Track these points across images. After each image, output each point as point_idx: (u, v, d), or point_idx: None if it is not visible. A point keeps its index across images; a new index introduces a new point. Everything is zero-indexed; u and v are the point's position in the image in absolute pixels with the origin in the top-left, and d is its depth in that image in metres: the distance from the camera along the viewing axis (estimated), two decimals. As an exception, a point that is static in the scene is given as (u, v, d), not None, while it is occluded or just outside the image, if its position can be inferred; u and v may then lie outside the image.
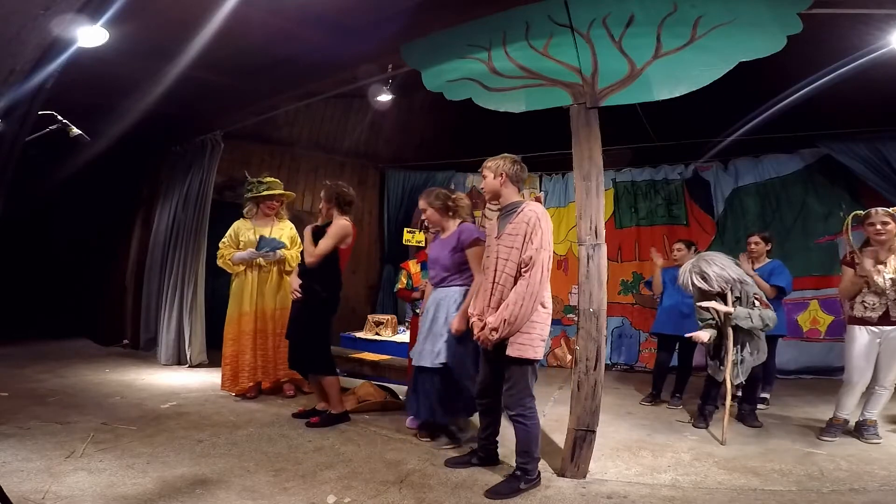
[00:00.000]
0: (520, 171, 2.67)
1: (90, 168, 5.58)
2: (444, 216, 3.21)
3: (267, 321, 4.16)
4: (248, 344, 4.06)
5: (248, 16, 3.67)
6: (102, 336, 6.27)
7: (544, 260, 2.44)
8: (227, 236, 4.21)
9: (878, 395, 3.25)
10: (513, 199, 2.65)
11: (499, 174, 2.64)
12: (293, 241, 4.31)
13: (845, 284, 3.38)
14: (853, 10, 3.09)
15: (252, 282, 4.13)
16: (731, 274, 3.38)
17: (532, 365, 2.51)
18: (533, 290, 2.42)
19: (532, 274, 2.42)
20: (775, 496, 2.44)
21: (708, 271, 3.38)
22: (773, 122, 4.79)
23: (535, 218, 2.47)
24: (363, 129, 6.94)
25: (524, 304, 2.41)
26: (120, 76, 4.67)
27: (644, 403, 4.29)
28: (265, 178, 4.36)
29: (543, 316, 2.51)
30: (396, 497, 2.39)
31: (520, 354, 2.46)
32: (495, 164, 2.66)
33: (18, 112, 1.63)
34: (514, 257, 2.49)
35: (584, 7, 3.13)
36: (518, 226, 2.50)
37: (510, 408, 2.54)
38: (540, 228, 2.45)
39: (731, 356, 3.36)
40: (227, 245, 4.18)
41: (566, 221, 6.33)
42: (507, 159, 2.66)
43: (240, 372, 4.05)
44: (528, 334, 2.46)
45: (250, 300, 4.11)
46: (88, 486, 2.31)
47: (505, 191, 2.65)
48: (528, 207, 2.55)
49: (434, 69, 3.62)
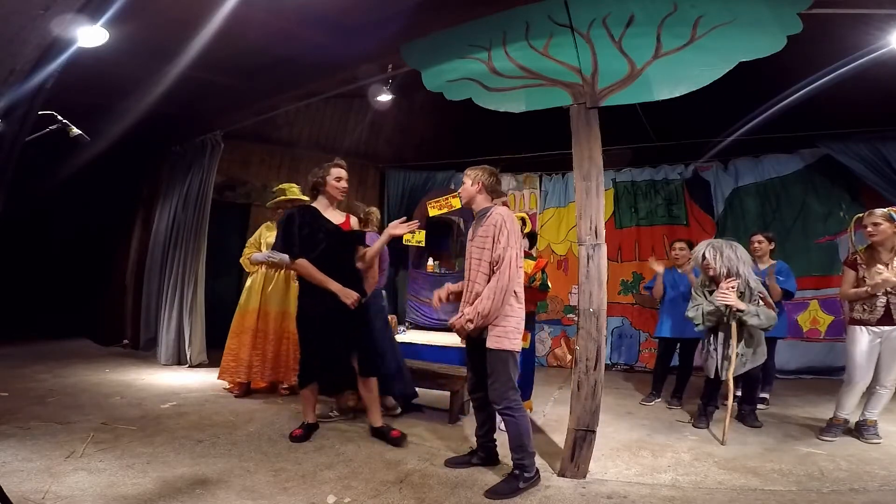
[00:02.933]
0: (495, 184, 2.81)
1: (90, 168, 5.59)
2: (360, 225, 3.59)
3: (269, 322, 4.20)
4: (247, 341, 4.12)
5: (248, 16, 3.67)
6: (102, 336, 6.27)
7: (512, 257, 2.58)
8: (253, 238, 4.43)
9: (879, 395, 3.26)
10: (485, 205, 2.79)
11: (476, 182, 2.78)
12: None
13: (845, 288, 3.39)
14: (853, 10, 3.09)
15: (259, 281, 4.25)
16: (743, 268, 3.40)
17: (512, 356, 2.60)
18: (503, 284, 2.55)
19: (502, 270, 2.56)
20: (775, 496, 2.44)
21: (726, 251, 3.43)
22: (773, 122, 4.80)
23: (501, 220, 2.62)
24: (363, 129, 6.94)
25: (495, 297, 2.55)
26: (120, 76, 4.68)
27: (644, 403, 4.29)
28: (288, 186, 4.34)
29: (517, 309, 2.64)
30: (396, 497, 2.39)
31: (497, 346, 2.57)
32: (474, 174, 2.80)
33: (18, 112, 1.63)
34: (485, 257, 2.64)
35: (584, 7, 3.13)
36: (487, 228, 2.66)
37: (496, 402, 2.61)
38: (506, 229, 2.60)
39: (735, 351, 3.36)
40: (251, 245, 4.38)
41: (566, 221, 6.33)
42: (486, 171, 2.80)
43: (234, 366, 4.12)
44: (503, 326, 2.58)
45: (255, 298, 4.21)
46: (88, 486, 2.31)
47: (479, 197, 2.79)
48: (496, 211, 2.70)
49: (434, 69, 3.61)
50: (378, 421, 3.22)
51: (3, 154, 1.64)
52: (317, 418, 3.32)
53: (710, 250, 3.47)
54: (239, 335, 4.17)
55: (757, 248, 4.16)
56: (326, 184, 3.14)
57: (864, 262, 3.29)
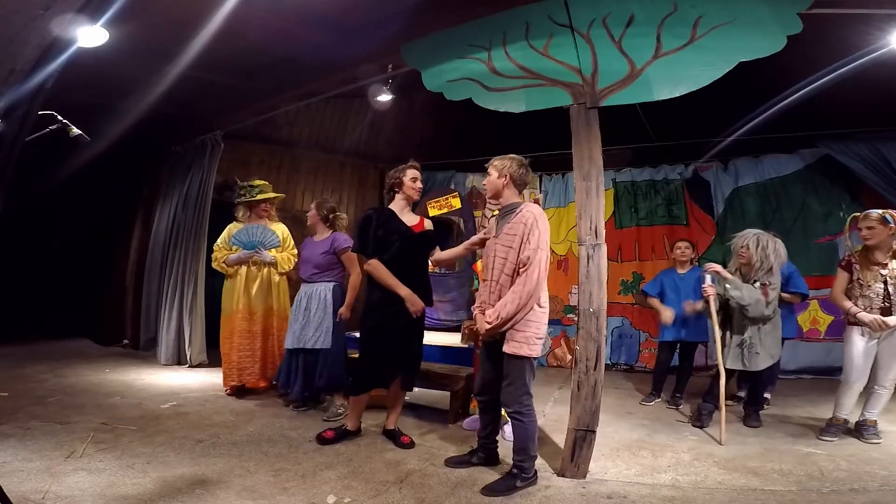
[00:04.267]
0: (524, 175, 2.68)
1: (90, 168, 5.59)
2: (322, 223, 3.85)
3: (255, 322, 4.17)
4: (235, 343, 4.09)
5: (247, 16, 3.67)
6: (102, 336, 6.27)
7: (541, 260, 2.46)
8: (221, 239, 4.23)
9: (878, 394, 3.26)
10: (512, 200, 2.67)
11: (504, 174, 2.65)
12: (286, 243, 4.34)
13: (837, 291, 3.39)
14: (853, 10, 3.09)
15: (241, 282, 4.16)
16: (776, 265, 3.47)
17: (529, 362, 2.53)
18: (530, 289, 2.43)
19: (529, 273, 2.44)
20: (775, 496, 2.44)
21: (769, 245, 3.46)
22: (773, 122, 4.79)
23: (532, 219, 2.49)
24: (363, 129, 6.93)
25: (520, 302, 2.43)
26: (120, 76, 4.68)
27: (644, 403, 4.29)
28: (255, 181, 4.38)
29: (539, 315, 2.53)
30: (396, 497, 2.39)
31: (515, 352, 2.49)
32: (502, 164, 2.66)
33: (18, 112, 1.63)
34: (511, 257, 2.52)
35: (584, 7, 3.13)
36: (516, 226, 2.52)
37: (508, 404, 2.57)
38: (537, 229, 2.46)
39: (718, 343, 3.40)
40: (221, 248, 4.19)
41: (566, 221, 6.32)
42: (515, 161, 2.67)
43: (227, 370, 4.12)
44: (523, 332, 2.48)
45: (241, 300, 4.13)
46: (88, 486, 2.31)
47: (506, 192, 2.67)
48: (527, 208, 2.56)
49: (434, 69, 3.61)
50: (393, 423, 3.21)
51: (3, 154, 1.64)
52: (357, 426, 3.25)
53: (753, 240, 3.49)
54: (229, 338, 4.13)
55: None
56: (403, 184, 3.15)
57: (859, 263, 3.29)
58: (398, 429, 3.19)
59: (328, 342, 3.63)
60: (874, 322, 3.13)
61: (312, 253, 3.80)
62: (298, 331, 3.68)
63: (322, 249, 3.77)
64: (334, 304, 3.71)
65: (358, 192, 7.16)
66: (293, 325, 3.72)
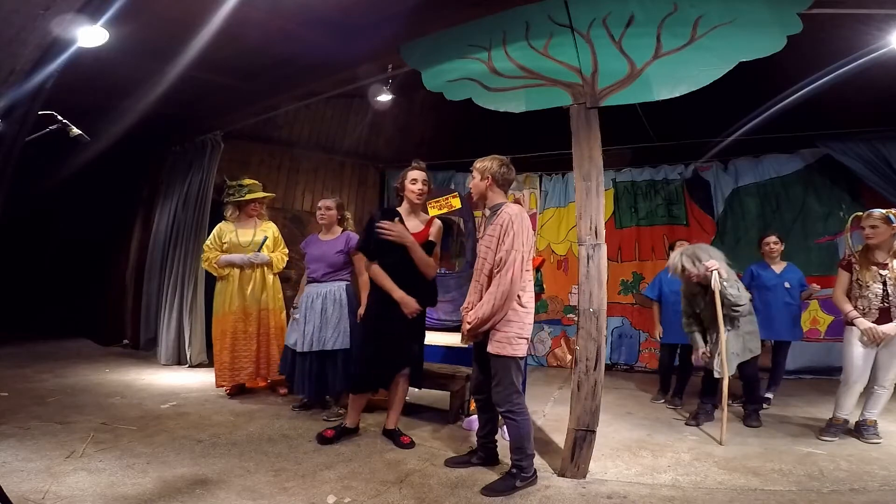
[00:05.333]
0: (507, 174, 2.67)
1: (90, 168, 5.59)
2: (337, 223, 3.83)
3: (250, 322, 4.15)
4: (228, 344, 4.08)
5: (247, 16, 3.67)
6: (102, 336, 6.27)
7: (516, 260, 2.46)
8: (211, 239, 4.18)
9: (878, 394, 3.26)
10: (497, 200, 2.67)
11: (486, 176, 2.65)
12: (277, 242, 4.33)
13: (838, 292, 3.40)
14: (853, 10, 3.09)
15: (235, 283, 4.14)
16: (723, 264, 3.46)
17: (515, 362, 2.55)
18: (504, 289, 2.44)
19: (503, 274, 2.45)
20: (775, 496, 2.44)
21: (701, 255, 3.45)
22: (773, 122, 4.79)
23: (508, 220, 2.50)
24: (363, 129, 6.94)
25: (495, 303, 2.45)
26: (120, 76, 4.68)
27: (656, 402, 4.31)
28: (245, 181, 4.36)
29: (522, 314, 2.54)
30: (396, 497, 2.39)
31: (497, 351, 2.52)
32: (483, 166, 2.66)
33: (18, 112, 1.63)
34: (490, 258, 2.55)
35: (584, 7, 3.13)
36: (495, 227, 2.54)
37: (499, 405, 2.58)
38: (512, 230, 2.47)
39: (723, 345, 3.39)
40: (212, 248, 4.14)
41: (566, 221, 6.32)
42: (496, 161, 2.66)
43: (219, 371, 4.10)
44: (504, 332, 2.51)
45: (236, 301, 4.12)
46: (88, 486, 2.31)
47: (490, 193, 2.67)
48: (505, 209, 2.57)
49: (434, 69, 3.61)
50: (393, 423, 3.20)
51: (3, 154, 1.64)
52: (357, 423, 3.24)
53: (685, 259, 3.47)
54: (221, 339, 4.10)
55: (773, 250, 4.21)
56: (405, 188, 3.11)
57: (859, 262, 3.29)
58: (398, 429, 3.19)
59: (347, 342, 3.59)
60: (868, 332, 3.16)
61: (325, 252, 3.72)
62: (314, 332, 3.58)
63: (337, 248, 3.71)
64: (349, 303, 3.67)
65: (358, 192, 7.16)
66: (305, 327, 3.61)
